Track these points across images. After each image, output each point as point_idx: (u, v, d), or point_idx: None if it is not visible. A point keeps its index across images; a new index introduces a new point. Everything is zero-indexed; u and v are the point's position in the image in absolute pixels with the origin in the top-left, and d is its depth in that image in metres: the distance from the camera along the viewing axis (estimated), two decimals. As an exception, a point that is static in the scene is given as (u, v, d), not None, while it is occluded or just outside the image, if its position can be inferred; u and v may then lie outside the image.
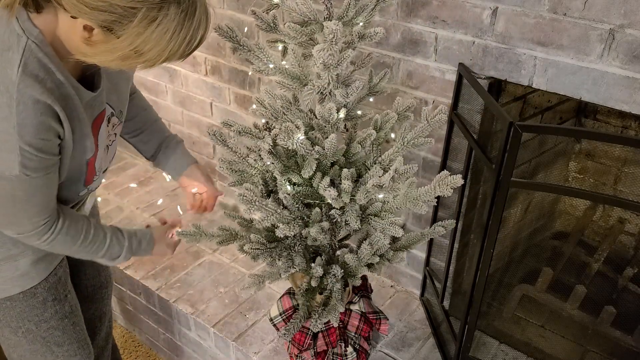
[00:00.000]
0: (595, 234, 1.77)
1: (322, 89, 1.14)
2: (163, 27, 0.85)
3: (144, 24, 0.84)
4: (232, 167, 1.29)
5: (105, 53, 0.89)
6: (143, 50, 0.88)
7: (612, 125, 1.68)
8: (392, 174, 1.06)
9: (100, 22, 0.84)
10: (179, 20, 0.86)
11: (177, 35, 0.87)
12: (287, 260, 1.28)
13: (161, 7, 0.83)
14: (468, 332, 1.44)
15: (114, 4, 0.82)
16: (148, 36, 0.85)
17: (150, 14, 0.83)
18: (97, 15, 0.83)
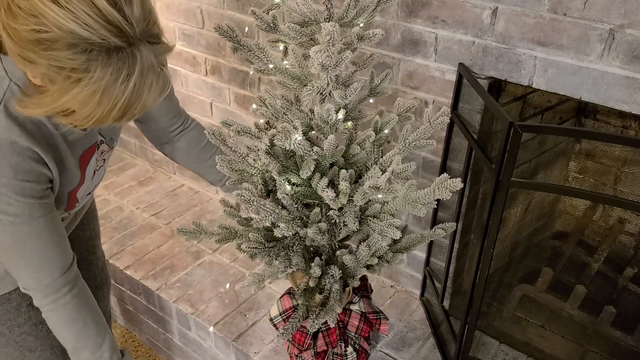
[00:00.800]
0: (595, 234, 1.77)
1: (321, 89, 1.14)
2: (89, 89, 0.79)
3: (68, 84, 0.79)
4: (232, 167, 1.29)
5: (36, 105, 0.85)
6: (71, 109, 0.83)
7: (612, 125, 1.68)
8: (388, 175, 1.06)
9: (33, 74, 0.83)
10: (107, 83, 0.79)
11: (107, 99, 0.80)
12: (285, 260, 1.27)
13: (87, 68, 0.77)
14: (468, 332, 1.44)
15: (39, 60, 0.78)
16: (73, 97, 0.80)
17: (74, 75, 0.78)
18: (30, 67, 0.80)
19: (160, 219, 2.22)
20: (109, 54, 0.77)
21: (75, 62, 0.77)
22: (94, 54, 0.77)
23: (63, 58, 0.76)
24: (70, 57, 0.76)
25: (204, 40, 2.00)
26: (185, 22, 2.02)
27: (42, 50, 0.77)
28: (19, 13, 0.76)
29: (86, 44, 0.76)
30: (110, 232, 2.14)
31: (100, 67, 0.77)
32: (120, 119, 0.85)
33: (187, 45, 2.07)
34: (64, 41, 0.75)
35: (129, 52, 0.78)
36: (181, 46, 2.10)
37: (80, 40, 0.76)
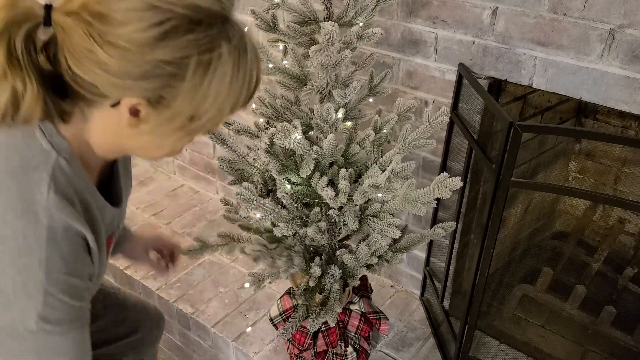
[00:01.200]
0: (595, 234, 1.77)
1: (320, 89, 1.15)
2: (220, 71, 0.68)
3: (199, 74, 0.67)
4: (232, 166, 1.29)
5: (156, 135, 0.73)
6: (202, 110, 0.70)
7: (612, 125, 1.68)
8: (388, 174, 1.06)
9: (148, 94, 0.67)
10: (235, 58, 0.69)
11: (236, 78, 0.69)
12: (287, 261, 1.28)
13: (212, 47, 0.66)
14: (468, 332, 1.44)
15: (161, 60, 0.64)
16: (206, 89, 0.68)
17: (204, 59, 0.66)
18: (144, 85, 0.66)
19: (161, 219, 2.22)
20: (224, 23, 0.68)
21: (204, 41, 0.65)
22: (215, 27, 0.67)
23: (190, 43, 0.65)
24: (198, 38, 0.65)
25: (204, 40, 2.00)
26: (185, 22, 2.02)
27: (162, 47, 0.64)
28: (125, 16, 0.63)
29: (209, 16, 0.66)
30: (110, 232, 2.14)
31: (226, 39, 0.67)
32: (246, 102, 0.74)
33: (187, 45, 2.07)
34: (187, 22, 0.64)
35: (234, 22, 0.70)
36: (181, 46, 2.09)
37: (204, 14, 0.65)
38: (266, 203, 1.17)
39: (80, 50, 0.64)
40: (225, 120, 0.77)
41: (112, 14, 0.63)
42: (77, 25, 0.64)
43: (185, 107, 0.69)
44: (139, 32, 0.63)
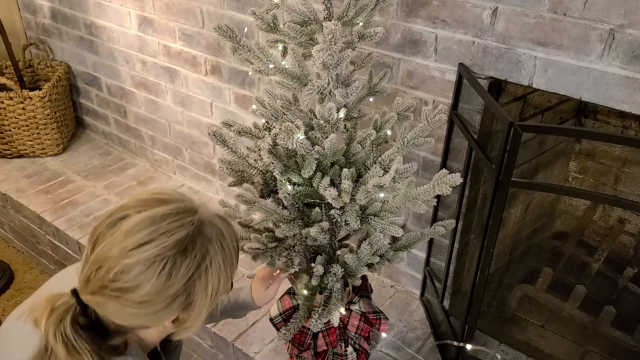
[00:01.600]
0: (595, 234, 1.77)
1: (321, 89, 1.14)
2: (216, 264, 0.88)
3: (204, 278, 0.87)
4: (232, 167, 1.29)
5: (193, 322, 0.91)
6: (216, 291, 0.90)
7: (612, 125, 1.68)
8: (392, 174, 1.06)
9: (179, 310, 0.87)
10: (220, 248, 0.88)
11: (228, 258, 0.91)
12: (287, 261, 1.27)
13: (204, 256, 0.86)
14: (468, 332, 1.44)
15: (175, 292, 0.84)
16: (213, 281, 0.88)
17: (202, 268, 0.86)
18: (173, 308, 0.86)
19: (160, 219, 2.22)
20: (201, 230, 0.87)
21: (197, 257, 0.85)
22: (197, 239, 0.86)
23: (189, 266, 0.84)
24: (192, 258, 0.84)
25: (204, 40, 2.00)
26: (185, 22, 2.02)
27: (171, 284, 0.83)
28: (137, 281, 0.82)
29: (189, 239, 0.85)
30: (110, 232, 2.14)
31: (208, 242, 0.87)
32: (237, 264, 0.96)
33: (187, 45, 2.07)
34: (179, 256, 0.83)
35: (204, 218, 0.88)
36: (181, 46, 2.10)
37: (185, 240, 0.84)
38: (267, 204, 1.17)
39: (119, 312, 0.84)
40: (230, 288, 0.96)
41: (128, 285, 0.81)
42: (108, 299, 0.82)
43: (204, 298, 0.88)
44: (153, 285, 0.82)
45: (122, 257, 0.81)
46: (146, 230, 0.82)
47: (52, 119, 2.57)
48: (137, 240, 0.82)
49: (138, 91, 2.42)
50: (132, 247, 0.81)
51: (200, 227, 0.87)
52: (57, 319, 0.82)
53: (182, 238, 0.83)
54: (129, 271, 0.81)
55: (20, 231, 2.49)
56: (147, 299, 0.82)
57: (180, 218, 0.85)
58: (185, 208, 0.87)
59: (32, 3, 2.67)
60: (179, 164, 2.46)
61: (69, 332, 0.81)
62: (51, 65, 2.75)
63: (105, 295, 0.82)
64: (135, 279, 0.81)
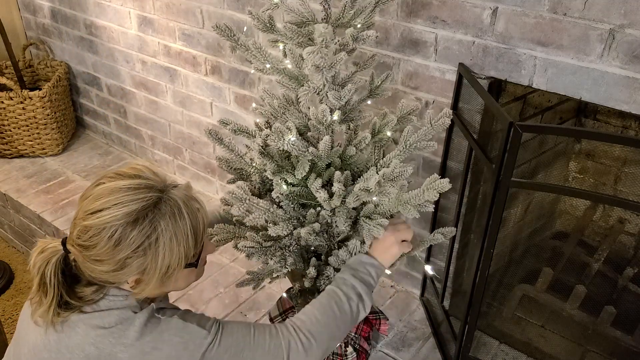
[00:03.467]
0: (595, 234, 1.77)
1: (317, 90, 1.14)
2: (166, 237, 0.95)
3: (153, 249, 0.94)
4: (231, 165, 1.29)
5: (158, 284, 0.98)
6: (170, 262, 0.96)
7: (612, 125, 1.68)
8: (378, 178, 1.05)
9: (136, 272, 0.95)
10: (173, 225, 0.95)
11: (180, 235, 0.96)
12: (280, 260, 1.27)
13: (154, 228, 0.93)
14: (468, 332, 1.44)
15: (125, 257, 0.93)
16: (163, 254, 0.95)
17: (152, 239, 0.93)
18: (128, 270, 0.94)
19: (160, 219, 2.22)
20: (156, 206, 0.94)
21: (144, 230, 0.92)
22: (149, 214, 0.93)
23: (136, 237, 0.92)
24: (139, 230, 0.92)
25: (204, 40, 2.00)
26: (185, 22, 2.02)
27: (120, 249, 0.92)
28: (91, 241, 0.92)
29: (139, 212, 0.92)
30: (110, 232, 2.14)
31: (160, 217, 0.94)
32: (199, 244, 1.02)
33: (187, 45, 2.07)
34: (128, 225, 0.92)
35: (166, 197, 0.96)
36: (181, 46, 2.10)
37: (135, 213, 0.92)
38: (260, 202, 1.17)
39: (85, 266, 0.95)
40: (191, 252, 1.00)
41: (86, 243, 0.93)
42: (77, 252, 0.95)
43: (155, 268, 0.95)
44: (103, 247, 0.92)
45: (83, 219, 0.93)
46: (105, 198, 0.93)
47: (52, 119, 2.57)
48: (96, 206, 0.93)
49: (138, 91, 2.42)
50: (91, 211, 0.93)
51: (156, 204, 0.94)
52: (45, 258, 0.96)
53: (131, 211, 0.92)
54: (86, 232, 0.92)
55: (20, 231, 2.49)
56: (100, 259, 0.93)
57: (136, 193, 0.94)
58: (146, 184, 0.96)
59: (32, 3, 2.67)
60: (179, 163, 2.46)
61: (47, 271, 0.95)
62: (51, 65, 2.75)
63: (75, 248, 0.94)
64: (90, 240, 0.92)
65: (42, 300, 0.97)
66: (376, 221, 1.16)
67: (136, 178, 0.96)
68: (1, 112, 2.46)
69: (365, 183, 1.07)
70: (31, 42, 2.77)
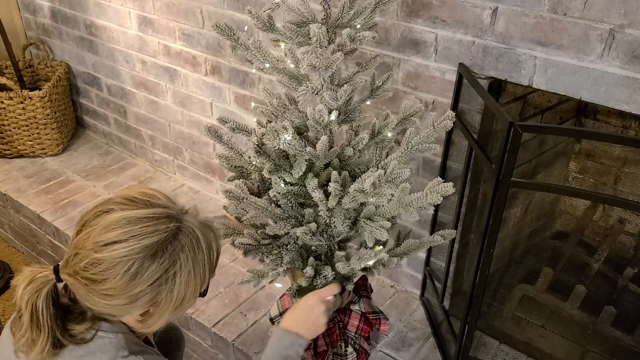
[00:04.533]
0: (595, 234, 1.77)
1: (316, 90, 1.14)
2: (185, 272, 0.91)
3: (170, 284, 0.90)
4: (230, 163, 1.29)
5: (156, 324, 0.95)
6: (184, 297, 0.93)
7: (612, 125, 1.68)
8: (373, 179, 1.05)
9: (144, 307, 0.92)
10: (192, 256, 0.92)
11: (197, 271, 0.93)
12: (277, 258, 1.27)
13: (173, 263, 0.89)
14: (468, 332, 1.44)
15: (140, 291, 0.88)
16: (179, 288, 0.91)
17: (169, 275, 0.89)
18: (138, 305, 0.90)
19: (160, 219, 2.22)
20: (175, 237, 0.89)
21: (164, 263, 0.88)
22: (169, 246, 0.89)
23: (155, 270, 0.87)
24: (159, 264, 0.87)
25: (204, 40, 2.00)
26: (185, 22, 2.02)
27: (136, 284, 0.87)
28: (104, 276, 0.86)
29: (159, 245, 0.87)
30: (110, 232, 2.14)
31: (180, 250, 0.90)
32: (213, 273, 1.00)
33: (187, 45, 2.07)
34: (147, 259, 0.87)
35: (184, 226, 0.91)
36: (181, 46, 2.10)
37: (155, 246, 0.87)
38: (257, 201, 1.17)
39: (88, 299, 0.89)
40: (206, 282, 0.98)
41: (96, 277, 0.86)
42: (79, 284, 0.88)
43: (169, 302, 0.91)
44: (118, 282, 0.86)
45: (94, 250, 0.86)
46: (121, 229, 0.86)
47: (52, 119, 2.57)
48: (110, 238, 0.86)
49: (138, 91, 2.42)
50: (104, 242, 0.86)
51: (175, 235, 0.90)
52: (34, 289, 0.88)
53: (152, 243, 0.87)
54: (97, 265, 0.86)
55: (20, 231, 2.49)
56: (112, 293, 0.87)
57: (156, 224, 0.88)
58: (165, 214, 0.91)
59: (32, 3, 2.67)
60: (179, 163, 2.46)
61: (39, 305, 0.87)
62: (51, 65, 2.75)
63: (77, 280, 0.88)
64: (102, 274, 0.86)
65: (35, 339, 0.88)
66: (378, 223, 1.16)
67: (152, 206, 0.91)
68: (1, 112, 2.46)
69: (361, 184, 1.07)
70: (31, 42, 2.77)
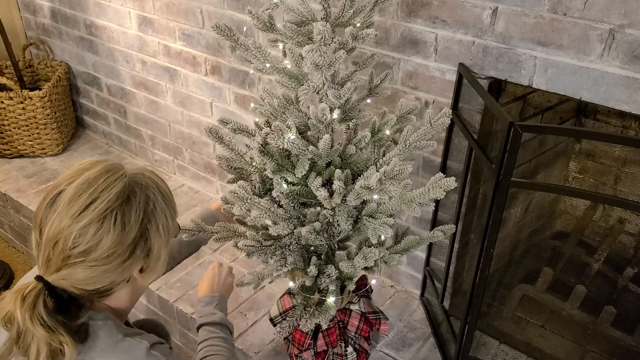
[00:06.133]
0: (595, 234, 1.77)
1: (317, 89, 1.14)
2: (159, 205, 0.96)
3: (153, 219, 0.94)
4: (230, 164, 1.29)
5: (157, 267, 0.99)
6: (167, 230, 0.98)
7: (612, 125, 1.68)
8: (379, 176, 1.05)
9: (142, 257, 0.94)
10: (161, 200, 0.97)
11: (169, 210, 0.98)
12: (280, 259, 1.27)
13: (147, 199, 0.94)
14: (468, 332, 1.44)
15: (131, 242, 0.91)
16: (162, 225, 0.96)
17: (148, 209, 0.93)
18: (137, 255, 0.93)
19: (160, 219, 2.22)
20: (134, 179, 0.94)
21: (141, 202, 0.92)
22: (135, 187, 0.93)
23: (137, 211, 0.91)
24: (138, 204, 0.92)
25: (204, 40, 2.00)
26: (185, 22, 2.02)
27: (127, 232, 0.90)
28: (93, 240, 0.87)
29: (128, 188, 0.91)
30: (110, 232, 2.14)
31: (146, 188, 0.95)
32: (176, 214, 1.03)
33: (187, 45, 2.07)
34: (124, 205, 0.90)
35: (132, 172, 0.95)
36: (181, 46, 2.10)
37: (125, 189, 0.91)
38: (261, 202, 1.17)
39: (89, 276, 0.88)
40: (175, 222, 1.03)
41: (89, 245, 0.86)
42: (75, 267, 0.87)
43: (159, 239, 0.95)
44: (112, 237, 0.87)
45: (74, 223, 0.86)
46: (86, 192, 0.88)
47: (52, 119, 2.57)
48: (82, 203, 0.87)
49: (138, 91, 2.42)
50: (80, 211, 0.86)
51: (133, 178, 0.94)
52: (30, 305, 0.85)
53: (121, 189, 0.90)
54: (85, 232, 0.86)
55: (20, 231, 2.49)
56: (111, 252, 0.88)
57: (113, 174, 0.91)
58: (112, 165, 0.94)
59: (32, 3, 2.67)
60: (179, 163, 2.46)
61: (44, 315, 0.85)
62: (51, 65, 2.75)
63: (70, 265, 0.87)
64: (94, 237, 0.86)
65: (62, 343, 0.86)
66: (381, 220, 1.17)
67: (97, 165, 0.93)
68: (1, 112, 2.46)
69: (366, 181, 1.07)
70: (31, 42, 2.77)
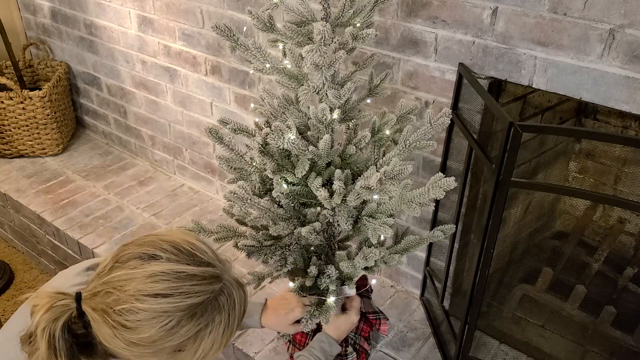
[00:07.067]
0: (595, 234, 1.77)
1: (317, 89, 1.14)
2: (213, 335, 0.87)
3: (197, 343, 0.86)
4: (231, 165, 1.29)
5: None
6: (204, 355, 0.89)
7: (612, 125, 1.68)
8: (379, 176, 1.05)
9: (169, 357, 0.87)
10: (225, 323, 0.88)
11: (226, 335, 0.90)
12: (280, 259, 1.27)
13: (207, 325, 0.86)
14: (468, 332, 1.44)
15: (168, 347, 0.84)
16: (204, 349, 0.88)
17: (199, 335, 0.86)
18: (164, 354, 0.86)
19: (160, 219, 2.22)
20: (216, 299, 0.86)
21: (200, 324, 0.84)
22: (209, 307, 0.85)
23: (189, 329, 0.83)
24: (196, 324, 0.84)
25: (204, 40, 2.00)
26: (185, 22, 2.02)
27: (168, 340, 0.83)
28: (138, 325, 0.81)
29: (201, 306, 0.84)
30: (110, 232, 2.14)
31: (217, 312, 0.86)
32: None
33: (187, 45, 2.07)
34: (186, 318, 0.83)
35: (225, 287, 0.88)
36: (181, 46, 2.10)
37: (198, 306, 0.84)
38: (261, 202, 1.17)
39: (110, 340, 0.83)
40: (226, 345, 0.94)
41: (129, 324, 0.81)
42: (106, 324, 0.82)
43: (191, 356, 0.87)
44: (150, 335, 0.81)
45: (135, 297, 0.81)
46: (168, 283, 0.82)
47: (52, 119, 2.57)
48: (156, 289, 0.82)
49: (138, 91, 2.42)
50: (148, 293, 0.81)
51: (217, 296, 0.87)
52: (52, 317, 0.82)
53: (196, 303, 0.84)
54: (135, 313, 0.81)
55: (20, 231, 2.49)
56: (140, 343, 0.83)
57: (204, 284, 0.85)
58: (212, 274, 0.87)
59: (32, 3, 2.67)
60: (179, 163, 2.46)
61: (57, 333, 0.81)
62: (51, 65, 2.75)
63: (105, 319, 0.82)
64: (137, 323, 0.81)
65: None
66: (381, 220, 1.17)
67: (201, 264, 0.87)
68: (1, 112, 2.46)
69: (367, 181, 1.07)
70: (31, 42, 2.77)
